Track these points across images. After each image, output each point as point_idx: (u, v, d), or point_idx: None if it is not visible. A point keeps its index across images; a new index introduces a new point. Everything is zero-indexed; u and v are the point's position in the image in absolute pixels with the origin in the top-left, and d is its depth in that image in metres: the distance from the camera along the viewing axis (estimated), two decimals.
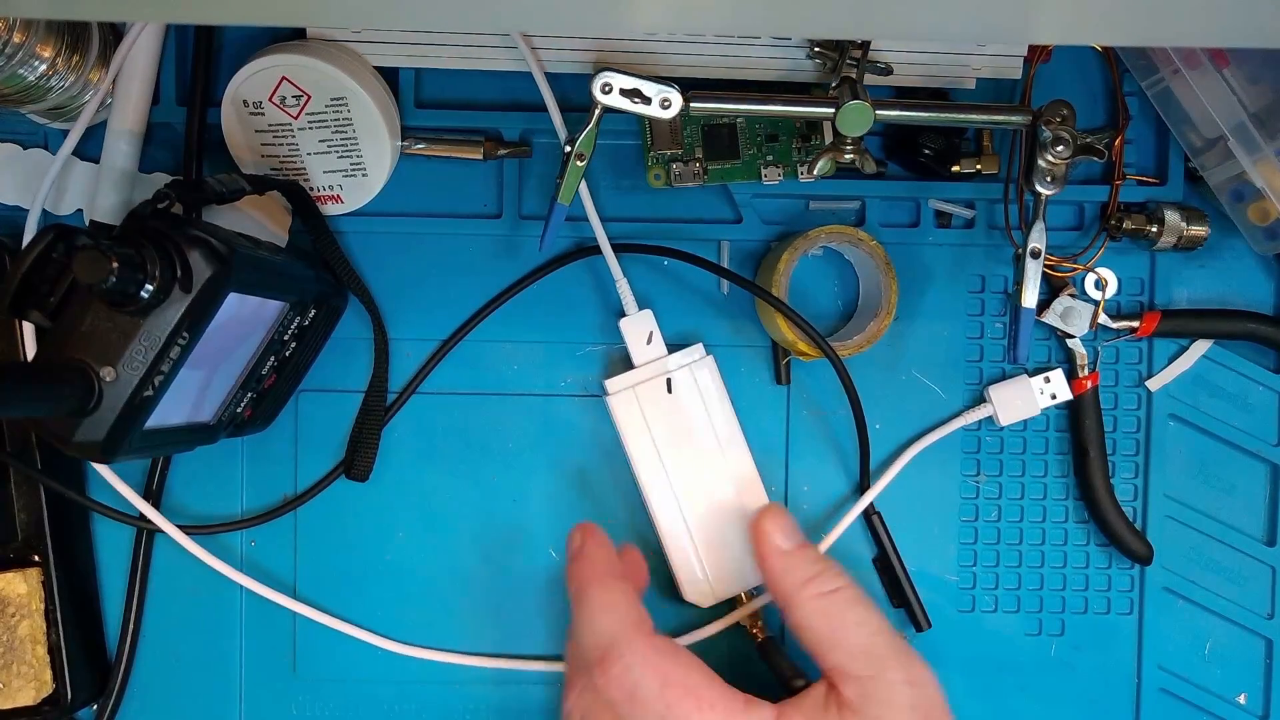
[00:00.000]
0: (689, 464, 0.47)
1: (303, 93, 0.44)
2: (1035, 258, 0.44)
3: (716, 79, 0.47)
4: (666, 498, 0.47)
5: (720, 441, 0.47)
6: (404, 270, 0.49)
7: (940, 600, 0.50)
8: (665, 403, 0.47)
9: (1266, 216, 0.46)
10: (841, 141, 0.43)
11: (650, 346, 0.48)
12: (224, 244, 0.36)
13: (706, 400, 0.47)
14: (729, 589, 0.48)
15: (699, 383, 0.47)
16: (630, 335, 0.48)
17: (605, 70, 0.42)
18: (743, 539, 0.47)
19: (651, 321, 0.48)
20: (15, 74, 0.41)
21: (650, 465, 0.47)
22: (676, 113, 0.42)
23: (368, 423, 0.49)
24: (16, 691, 0.46)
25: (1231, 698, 0.50)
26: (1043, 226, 0.44)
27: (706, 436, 0.47)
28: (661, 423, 0.47)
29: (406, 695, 0.50)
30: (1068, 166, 0.43)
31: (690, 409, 0.47)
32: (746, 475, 0.48)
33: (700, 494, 0.47)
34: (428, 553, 0.50)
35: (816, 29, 0.36)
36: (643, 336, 0.47)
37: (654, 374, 0.47)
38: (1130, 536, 0.49)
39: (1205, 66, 0.44)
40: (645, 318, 0.48)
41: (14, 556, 0.46)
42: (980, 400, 0.50)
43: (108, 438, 0.35)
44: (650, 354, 0.48)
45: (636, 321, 0.48)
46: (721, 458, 0.47)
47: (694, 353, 0.47)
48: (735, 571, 0.47)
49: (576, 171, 0.44)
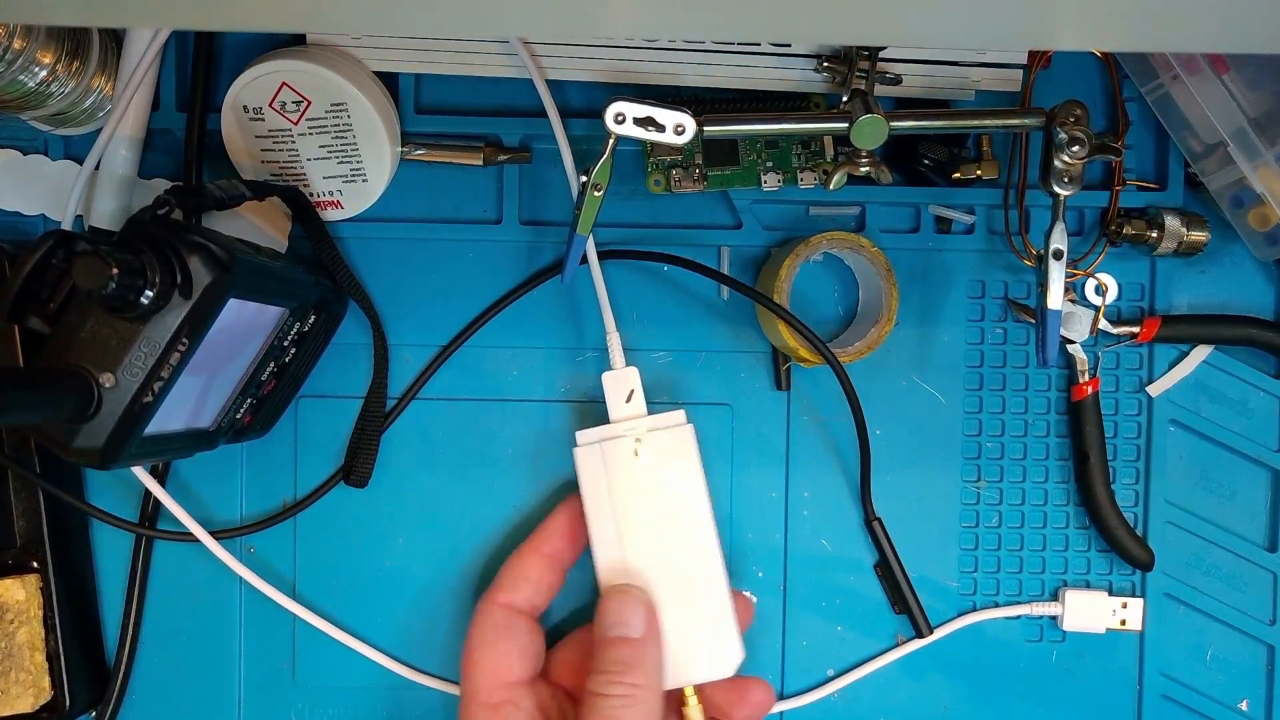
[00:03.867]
0: (646, 537, 0.43)
1: (303, 98, 0.44)
2: (1058, 259, 0.44)
3: (723, 89, 0.47)
4: (616, 568, 0.43)
5: (684, 518, 0.44)
6: (404, 276, 0.49)
7: (942, 606, 0.50)
8: (631, 467, 0.44)
9: (1266, 222, 0.46)
10: (856, 154, 0.43)
11: (629, 405, 0.45)
12: (224, 250, 0.36)
13: (676, 471, 0.44)
14: (669, 679, 0.43)
15: (671, 451, 0.44)
16: (611, 390, 0.45)
17: (617, 100, 0.41)
18: (691, 626, 0.43)
19: (636, 380, 0.45)
20: (16, 80, 0.41)
21: (604, 530, 0.44)
22: (690, 138, 0.41)
23: (367, 429, 0.48)
24: (15, 699, 0.46)
25: (1233, 704, 0.50)
26: (1063, 228, 0.44)
27: (670, 511, 0.44)
28: (623, 487, 0.44)
29: (406, 703, 0.50)
30: (1084, 166, 0.43)
31: (657, 478, 0.44)
32: (707, 558, 0.43)
33: (654, 571, 0.43)
34: (427, 558, 0.49)
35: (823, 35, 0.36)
36: (624, 394, 0.45)
37: (626, 433, 0.44)
38: (1131, 542, 0.49)
39: (1205, 72, 0.44)
40: (629, 375, 0.45)
41: (12, 563, 0.46)
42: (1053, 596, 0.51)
43: (107, 444, 0.35)
44: (627, 412, 0.45)
45: (620, 377, 0.45)
46: (681, 535, 0.43)
47: (673, 418, 0.44)
48: (678, 660, 0.43)
49: (594, 202, 0.42)
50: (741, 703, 0.43)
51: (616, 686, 0.40)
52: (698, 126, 0.42)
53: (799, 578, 0.50)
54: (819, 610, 0.50)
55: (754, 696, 0.43)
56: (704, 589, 0.43)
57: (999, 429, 0.50)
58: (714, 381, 0.50)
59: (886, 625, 0.50)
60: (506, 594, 0.44)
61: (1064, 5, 0.28)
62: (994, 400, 0.50)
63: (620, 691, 0.40)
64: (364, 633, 0.49)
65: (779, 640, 0.50)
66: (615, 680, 0.40)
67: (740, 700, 0.43)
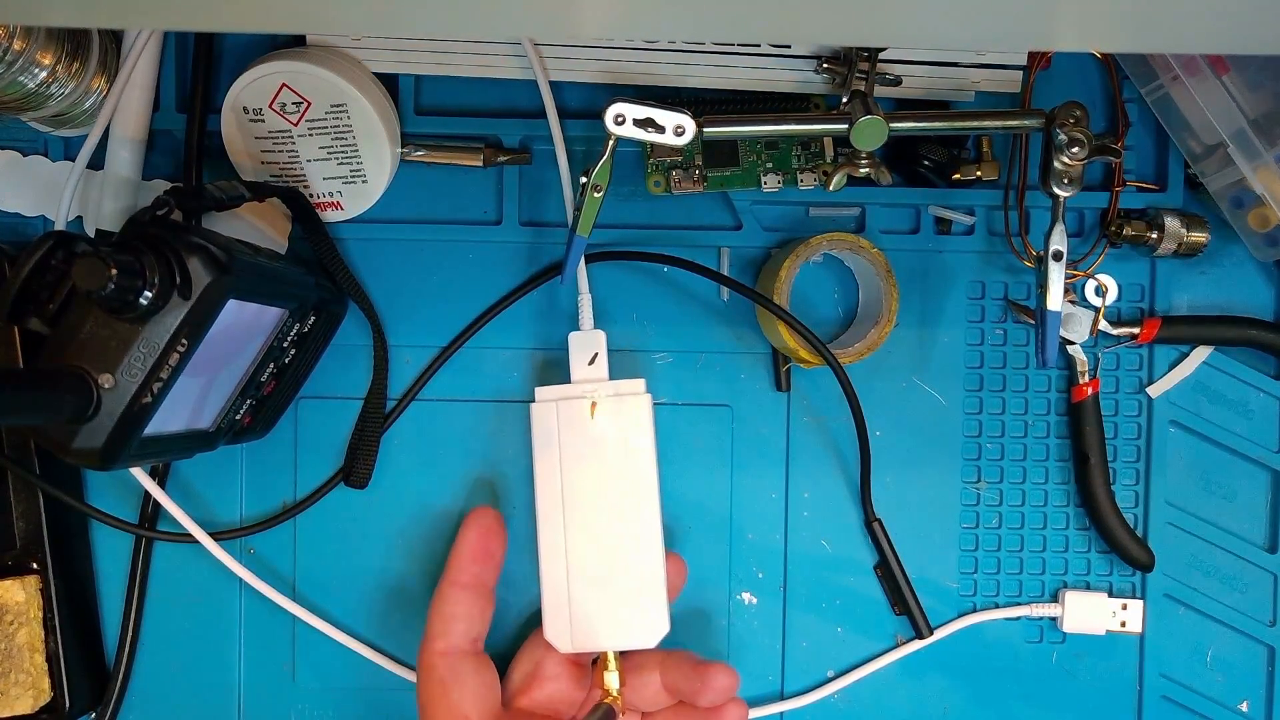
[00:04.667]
0: (589, 499, 0.44)
1: (303, 99, 0.44)
2: (1057, 260, 0.44)
3: (722, 90, 0.47)
4: (555, 526, 0.44)
5: (629, 486, 0.43)
6: (403, 277, 0.49)
7: (942, 607, 0.50)
8: (584, 428, 0.44)
9: (1266, 223, 0.46)
10: (855, 155, 0.43)
11: (591, 367, 0.45)
12: (223, 251, 0.36)
13: (628, 439, 0.44)
14: (590, 643, 0.43)
15: (626, 418, 0.44)
16: (576, 350, 0.46)
17: (617, 102, 0.41)
18: (622, 595, 0.43)
19: (601, 344, 0.45)
20: (15, 81, 0.41)
21: (549, 487, 0.44)
22: (690, 139, 0.41)
23: (367, 429, 0.48)
24: (14, 700, 0.46)
25: (1234, 705, 0.50)
26: (1063, 229, 0.44)
27: (616, 477, 0.44)
28: (573, 447, 0.44)
29: (405, 704, 0.50)
30: (1084, 168, 0.43)
31: (608, 443, 0.44)
32: (646, 529, 0.44)
33: (591, 534, 0.43)
34: (427, 560, 0.49)
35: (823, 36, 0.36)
36: (587, 356, 0.45)
37: (583, 394, 0.44)
38: (1131, 543, 0.49)
39: (1205, 73, 0.44)
40: (596, 338, 0.46)
41: (12, 564, 0.46)
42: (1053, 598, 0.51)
43: (106, 445, 0.35)
44: (589, 374, 0.45)
45: (586, 339, 0.46)
46: (625, 503, 0.43)
47: (633, 386, 0.45)
48: (602, 626, 0.43)
49: (594, 203, 0.43)
50: (705, 689, 0.43)
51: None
52: (698, 128, 0.41)
53: (799, 578, 0.50)
54: (819, 611, 0.50)
55: (718, 682, 0.43)
56: (639, 559, 0.43)
57: (999, 430, 0.50)
58: (714, 382, 0.50)
59: (886, 626, 0.50)
60: (442, 640, 0.43)
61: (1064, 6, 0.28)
62: (994, 401, 0.50)
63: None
64: (364, 634, 0.49)
65: (779, 641, 0.50)
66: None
67: (704, 686, 0.43)
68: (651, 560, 0.44)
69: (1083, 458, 0.49)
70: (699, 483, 0.50)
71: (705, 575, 0.50)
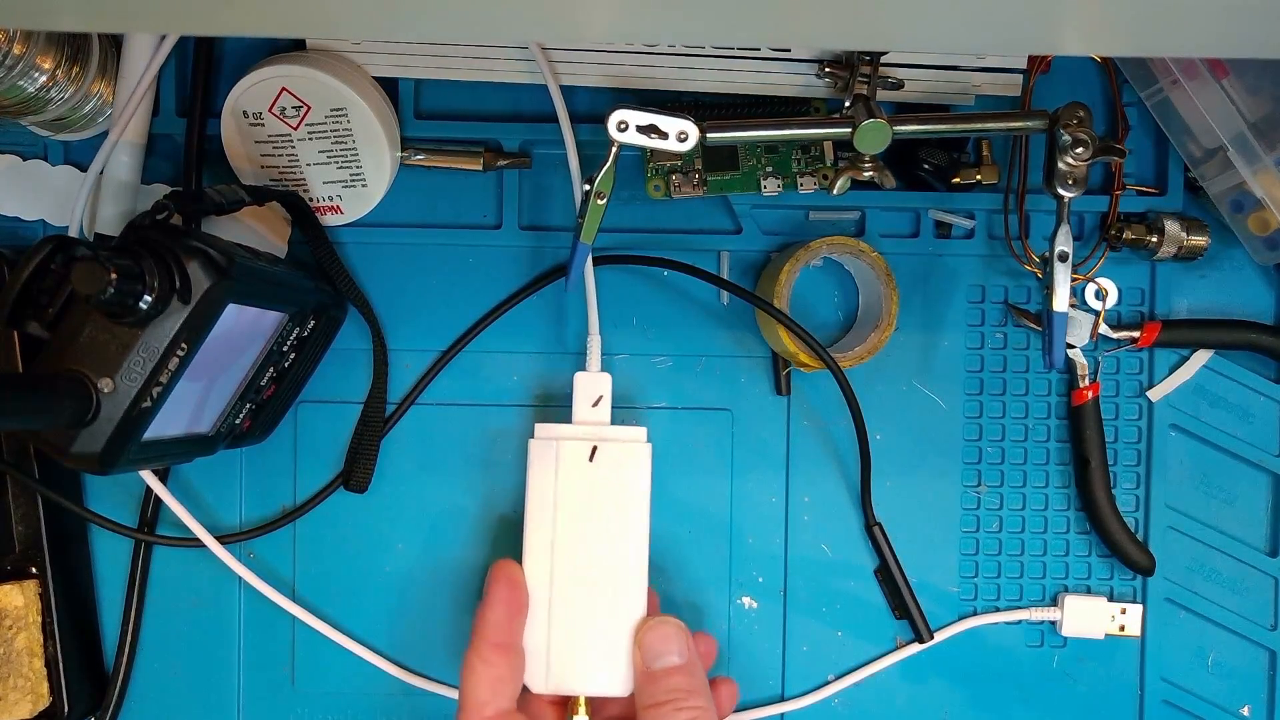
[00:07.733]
0: (579, 542, 0.43)
1: (302, 103, 0.44)
2: (1063, 261, 0.44)
3: (724, 94, 0.47)
4: (541, 564, 0.43)
5: (620, 533, 0.43)
6: (403, 281, 0.49)
7: (942, 611, 0.50)
8: (582, 470, 0.44)
9: (1266, 226, 0.46)
10: (859, 159, 0.43)
11: (594, 410, 0.45)
12: (223, 255, 0.36)
13: (625, 486, 0.43)
14: (566, 684, 0.43)
15: (625, 466, 0.44)
16: (580, 391, 0.45)
17: (620, 108, 0.41)
18: (600, 641, 0.43)
19: (606, 386, 0.45)
20: (15, 85, 0.41)
21: (540, 525, 0.43)
22: (693, 145, 0.41)
23: (366, 434, 0.48)
24: (13, 705, 0.46)
25: (1235, 710, 0.50)
26: (1068, 230, 0.44)
27: (608, 522, 0.43)
28: (569, 488, 0.43)
29: (405, 707, 0.49)
30: (1088, 168, 0.43)
31: (605, 489, 0.44)
32: (631, 579, 0.43)
33: (576, 576, 0.43)
34: (427, 564, 0.49)
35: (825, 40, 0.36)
36: (591, 397, 0.45)
37: (584, 437, 0.44)
38: (1132, 547, 0.49)
39: (1204, 77, 0.44)
40: (602, 380, 0.45)
41: (11, 568, 0.46)
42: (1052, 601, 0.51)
43: (105, 449, 0.35)
44: (591, 416, 0.45)
45: (591, 380, 0.45)
46: (614, 550, 0.43)
47: (634, 434, 0.44)
48: (579, 669, 0.43)
49: (598, 210, 0.42)
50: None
51: (683, 713, 0.40)
52: (701, 133, 0.41)
53: (799, 582, 0.50)
54: (819, 615, 0.50)
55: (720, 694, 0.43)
56: (621, 608, 0.43)
57: (999, 434, 0.50)
58: (714, 386, 0.50)
59: (887, 630, 0.50)
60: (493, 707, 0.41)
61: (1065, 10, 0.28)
62: (994, 405, 0.50)
63: (688, 716, 0.40)
64: (364, 637, 0.49)
65: (779, 645, 0.50)
66: (681, 706, 0.40)
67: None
68: (633, 609, 0.43)
69: (1083, 461, 0.49)
70: (699, 487, 0.50)
71: (705, 579, 0.50)
